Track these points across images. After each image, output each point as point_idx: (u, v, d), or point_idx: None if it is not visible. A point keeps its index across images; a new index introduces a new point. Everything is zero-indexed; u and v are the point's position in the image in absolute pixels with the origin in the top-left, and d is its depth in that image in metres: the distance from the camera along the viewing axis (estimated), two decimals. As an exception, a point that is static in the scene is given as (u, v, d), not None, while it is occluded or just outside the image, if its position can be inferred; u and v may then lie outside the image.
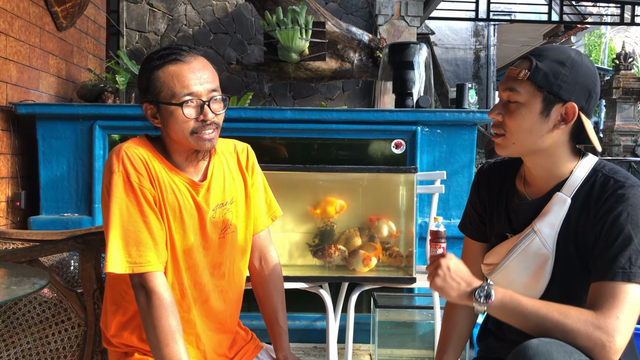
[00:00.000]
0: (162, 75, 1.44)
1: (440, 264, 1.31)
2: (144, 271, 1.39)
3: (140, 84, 1.49)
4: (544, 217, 1.35)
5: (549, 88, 1.29)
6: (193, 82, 1.43)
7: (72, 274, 2.28)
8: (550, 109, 1.30)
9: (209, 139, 1.46)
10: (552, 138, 1.32)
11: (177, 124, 1.43)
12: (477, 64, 10.52)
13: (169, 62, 1.44)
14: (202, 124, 1.44)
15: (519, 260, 1.37)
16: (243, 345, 1.66)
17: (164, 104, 1.44)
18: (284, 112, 3.08)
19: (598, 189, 1.30)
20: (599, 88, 1.34)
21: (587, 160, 1.36)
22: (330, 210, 2.25)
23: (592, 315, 1.19)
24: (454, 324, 1.54)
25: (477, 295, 1.26)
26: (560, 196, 1.34)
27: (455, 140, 3.12)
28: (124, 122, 3.07)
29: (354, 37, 4.48)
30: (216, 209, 1.54)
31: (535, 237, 1.35)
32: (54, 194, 3.10)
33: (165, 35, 5.33)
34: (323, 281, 2.27)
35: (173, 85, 1.42)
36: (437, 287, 1.31)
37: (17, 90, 3.16)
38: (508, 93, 1.33)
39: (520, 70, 1.31)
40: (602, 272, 1.23)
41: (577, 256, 1.32)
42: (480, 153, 7.69)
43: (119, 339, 1.52)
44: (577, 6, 9.82)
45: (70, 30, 3.87)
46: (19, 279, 1.52)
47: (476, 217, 1.55)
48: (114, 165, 1.41)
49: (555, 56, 1.30)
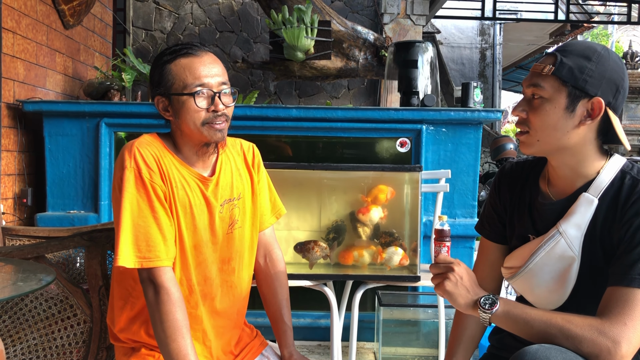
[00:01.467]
0: (174, 68, 1.47)
1: (454, 269, 1.30)
2: (153, 266, 1.41)
3: (152, 78, 1.52)
4: (569, 217, 1.30)
5: (574, 82, 1.25)
6: (204, 74, 1.46)
7: (78, 270, 2.30)
8: (575, 104, 1.26)
9: (219, 129, 1.48)
10: (578, 134, 1.28)
11: (189, 114, 1.46)
12: (482, 62, 10.50)
13: (181, 56, 1.47)
14: (213, 115, 1.47)
15: (543, 263, 1.32)
16: (248, 342, 1.68)
17: (176, 95, 1.46)
18: (289, 110, 3.09)
19: (626, 191, 1.26)
20: (627, 84, 1.29)
21: (614, 160, 1.31)
22: (382, 197, 2.26)
23: (597, 322, 1.17)
24: (465, 326, 1.51)
25: (482, 302, 1.26)
26: (586, 197, 1.29)
27: (460, 139, 3.12)
28: (130, 119, 3.09)
29: (360, 36, 4.48)
30: (224, 204, 1.55)
31: (560, 239, 1.30)
32: (60, 191, 3.11)
33: (172, 34, 5.34)
34: (327, 279, 2.28)
35: (185, 76, 1.45)
36: (446, 291, 1.30)
37: (24, 87, 3.17)
38: (532, 89, 1.30)
39: (544, 65, 1.28)
40: (619, 277, 1.20)
41: (604, 259, 1.28)
42: (486, 152, 7.67)
43: (127, 334, 1.54)
44: (584, 5, 9.77)
45: (77, 29, 3.89)
46: (26, 275, 1.53)
47: (495, 218, 1.51)
48: (126, 161, 1.43)
49: (581, 51, 1.27)
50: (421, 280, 2.21)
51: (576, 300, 1.27)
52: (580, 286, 1.30)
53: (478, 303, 1.27)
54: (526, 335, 1.23)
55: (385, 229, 2.31)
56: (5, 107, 2.99)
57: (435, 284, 1.34)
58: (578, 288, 1.31)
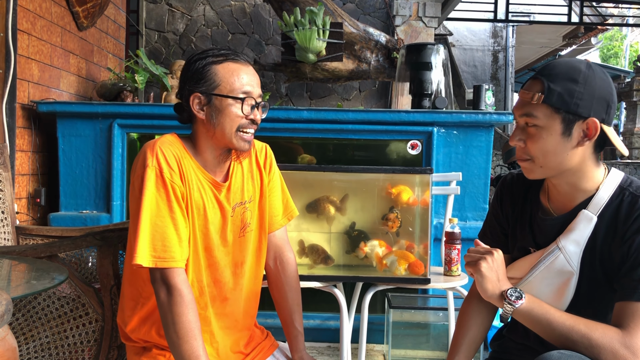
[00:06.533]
0: (222, 70, 1.48)
1: (493, 254, 1.34)
2: (167, 266, 1.41)
3: (188, 75, 1.51)
4: (568, 234, 1.33)
5: (566, 108, 1.26)
6: (250, 83, 1.50)
7: (90, 270, 2.32)
8: (571, 128, 1.27)
9: (248, 140, 1.51)
10: (578, 154, 1.30)
11: (229, 118, 1.48)
12: (495, 65, 10.45)
13: (229, 60, 1.50)
14: (249, 123, 1.50)
15: (543, 276, 1.36)
16: (259, 343, 1.68)
17: (220, 97, 1.48)
18: (300, 112, 3.10)
19: (625, 208, 1.28)
20: (615, 95, 1.31)
21: (613, 176, 1.33)
22: (405, 196, 2.26)
23: (619, 333, 1.19)
24: (467, 328, 1.52)
25: (509, 294, 1.29)
26: (586, 214, 1.32)
27: (471, 141, 3.11)
28: (143, 120, 3.11)
29: (371, 38, 4.48)
30: (235, 207, 1.57)
31: (559, 254, 1.33)
32: (73, 191, 3.14)
33: (184, 35, 5.37)
34: (337, 281, 2.28)
35: (233, 81, 1.48)
36: (479, 271, 1.32)
37: (38, 88, 3.21)
38: (525, 118, 1.31)
39: (533, 93, 1.29)
40: (628, 292, 1.22)
41: (603, 274, 1.31)
42: (497, 155, 7.63)
43: (138, 334, 1.55)
44: (598, 7, 9.70)
45: (91, 30, 3.92)
46: (39, 273, 1.55)
47: (497, 228, 1.54)
48: (148, 160, 1.43)
49: (565, 73, 1.27)
50: (431, 283, 2.21)
51: (574, 312, 1.29)
52: (579, 299, 1.34)
53: (505, 294, 1.30)
54: (545, 335, 1.25)
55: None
56: (20, 107, 3.02)
57: (471, 263, 1.36)
58: (576, 301, 1.34)
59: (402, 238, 2.29)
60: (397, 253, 2.24)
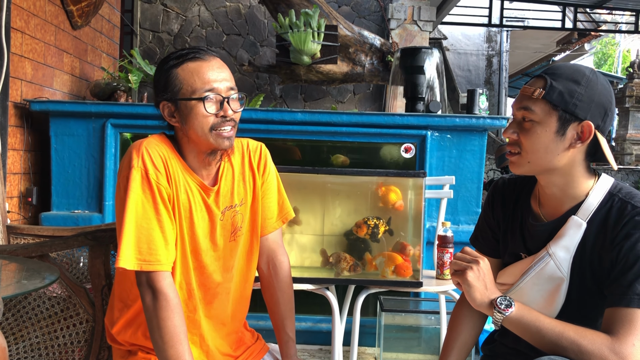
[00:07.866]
0: (182, 73, 1.43)
1: (479, 262, 1.33)
2: (153, 270, 1.38)
3: (157, 83, 1.48)
4: (558, 240, 1.34)
5: (565, 107, 1.27)
6: (213, 78, 1.43)
7: (82, 270, 2.31)
8: (566, 128, 1.29)
9: (227, 136, 1.45)
10: (568, 157, 1.31)
11: (197, 120, 1.42)
12: (489, 69, 10.50)
13: (188, 60, 1.44)
14: (222, 120, 1.44)
15: (533, 282, 1.37)
16: (249, 346, 1.66)
17: (184, 100, 1.43)
18: (294, 114, 3.10)
19: (615, 214, 1.29)
20: (614, 106, 1.33)
21: (602, 182, 1.34)
22: (393, 197, 2.25)
23: (608, 339, 1.19)
24: (458, 332, 1.53)
25: (498, 302, 1.29)
26: (575, 220, 1.32)
27: (465, 145, 3.12)
28: (136, 120, 3.10)
29: (366, 41, 4.49)
30: (224, 211, 1.53)
31: (550, 260, 1.34)
32: (65, 191, 3.13)
33: (179, 36, 5.36)
34: (330, 283, 2.28)
35: (193, 81, 1.42)
36: (466, 280, 1.32)
37: (31, 87, 3.19)
38: (522, 112, 1.32)
39: (534, 89, 1.31)
40: (618, 298, 1.23)
41: (593, 280, 1.31)
42: (490, 159, 7.66)
43: (124, 336, 1.53)
44: (591, 13, 9.76)
45: (85, 29, 3.91)
46: (30, 273, 1.54)
47: (489, 233, 1.54)
48: (134, 160, 1.40)
49: (570, 75, 1.29)
50: (423, 286, 2.21)
51: (565, 318, 1.29)
52: (569, 305, 1.34)
53: (494, 302, 1.30)
54: (535, 343, 1.26)
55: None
56: (13, 106, 3.01)
57: (455, 270, 1.35)
58: (567, 307, 1.34)
59: (392, 241, 2.30)
60: (385, 255, 2.25)
